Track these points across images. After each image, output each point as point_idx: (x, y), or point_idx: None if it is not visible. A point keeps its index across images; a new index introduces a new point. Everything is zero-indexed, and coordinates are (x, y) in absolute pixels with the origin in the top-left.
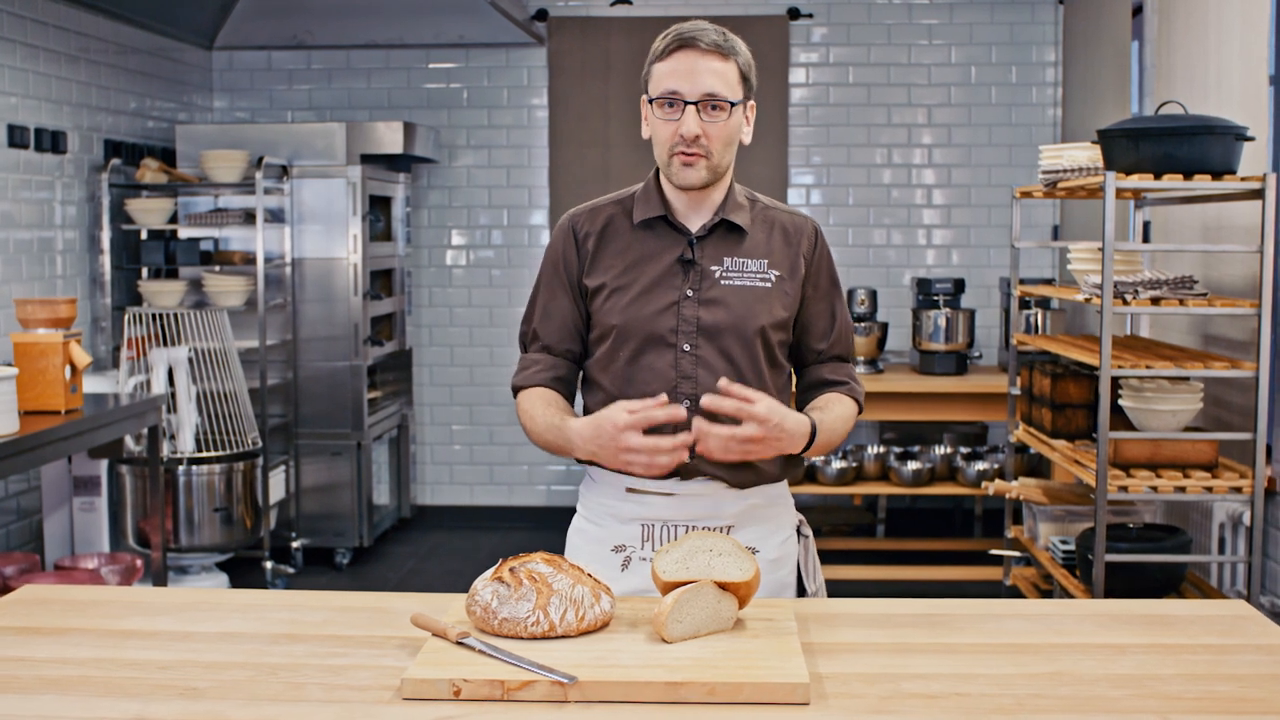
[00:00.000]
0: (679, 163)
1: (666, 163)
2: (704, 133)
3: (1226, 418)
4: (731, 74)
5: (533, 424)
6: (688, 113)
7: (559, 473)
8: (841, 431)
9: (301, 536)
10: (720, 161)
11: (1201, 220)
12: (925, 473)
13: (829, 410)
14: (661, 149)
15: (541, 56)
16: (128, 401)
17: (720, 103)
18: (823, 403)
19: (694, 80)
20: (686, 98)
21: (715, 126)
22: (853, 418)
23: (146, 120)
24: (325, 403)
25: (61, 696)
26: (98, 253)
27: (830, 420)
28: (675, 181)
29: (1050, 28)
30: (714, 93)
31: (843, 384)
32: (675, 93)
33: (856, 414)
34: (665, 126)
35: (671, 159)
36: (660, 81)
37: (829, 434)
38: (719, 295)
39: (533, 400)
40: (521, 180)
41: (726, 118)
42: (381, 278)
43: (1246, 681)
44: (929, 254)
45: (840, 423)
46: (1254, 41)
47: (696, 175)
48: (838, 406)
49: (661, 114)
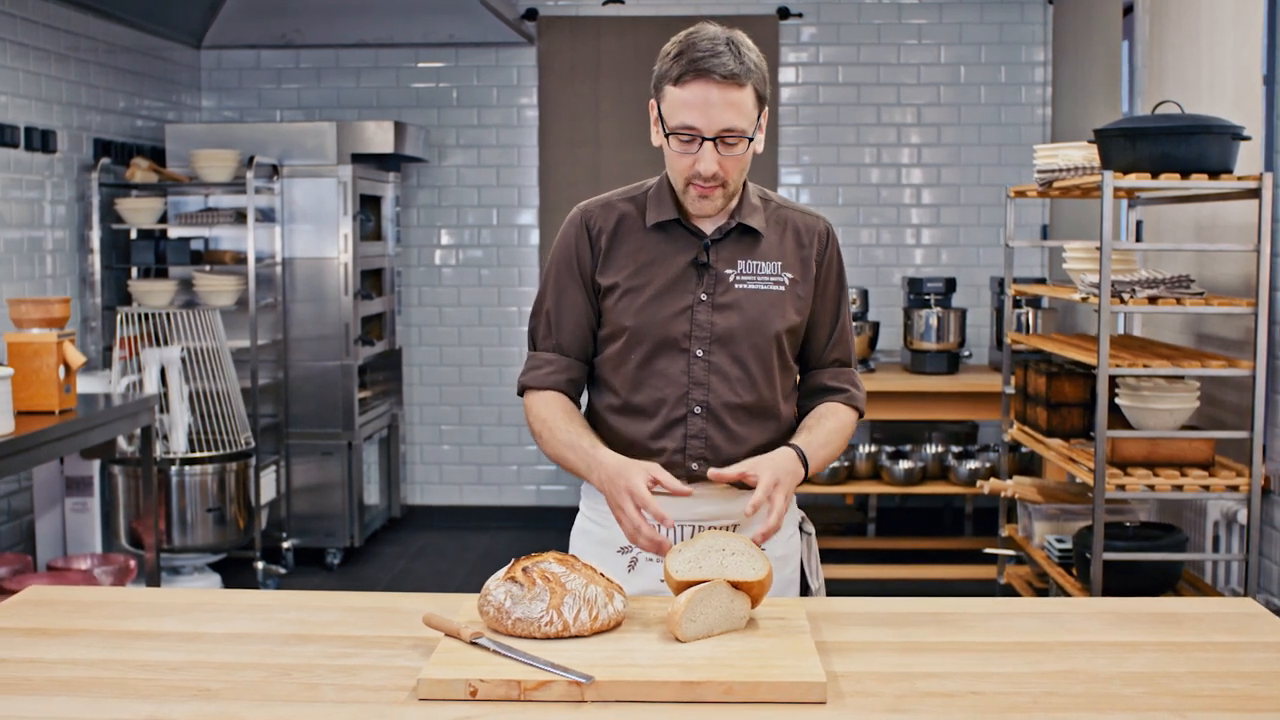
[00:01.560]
0: (695, 193)
1: (683, 191)
2: (721, 167)
3: (1220, 416)
4: (748, 101)
5: (552, 435)
6: (705, 150)
7: (548, 473)
8: (837, 444)
9: (292, 537)
10: (736, 188)
11: (1195, 220)
12: (917, 472)
13: (818, 427)
14: (677, 178)
15: (531, 56)
16: (120, 402)
17: (737, 138)
18: (813, 419)
19: (710, 115)
20: (704, 134)
21: (731, 160)
22: (849, 426)
23: (135, 119)
24: (316, 402)
25: (74, 698)
26: (87, 252)
27: (821, 438)
28: (692, 210)
29: (1040, 28)
30: (731, 128)
31: (842, 391)
32: (692, 128)
33: (855, 420)
34: (682, 159)
35: (688, 188)
36: (676, 112)
37: (824, 450)
38: (732, 300)
39: (552, 409)
40: (511, 180)
41: (744, 149)
42: (371, 277)
43: (1259, 679)
44: (918, 253)
45: (835, 435)
46: (1247, 41)
47: (713, 205)
48: (830, 420)
49: (678, 146)
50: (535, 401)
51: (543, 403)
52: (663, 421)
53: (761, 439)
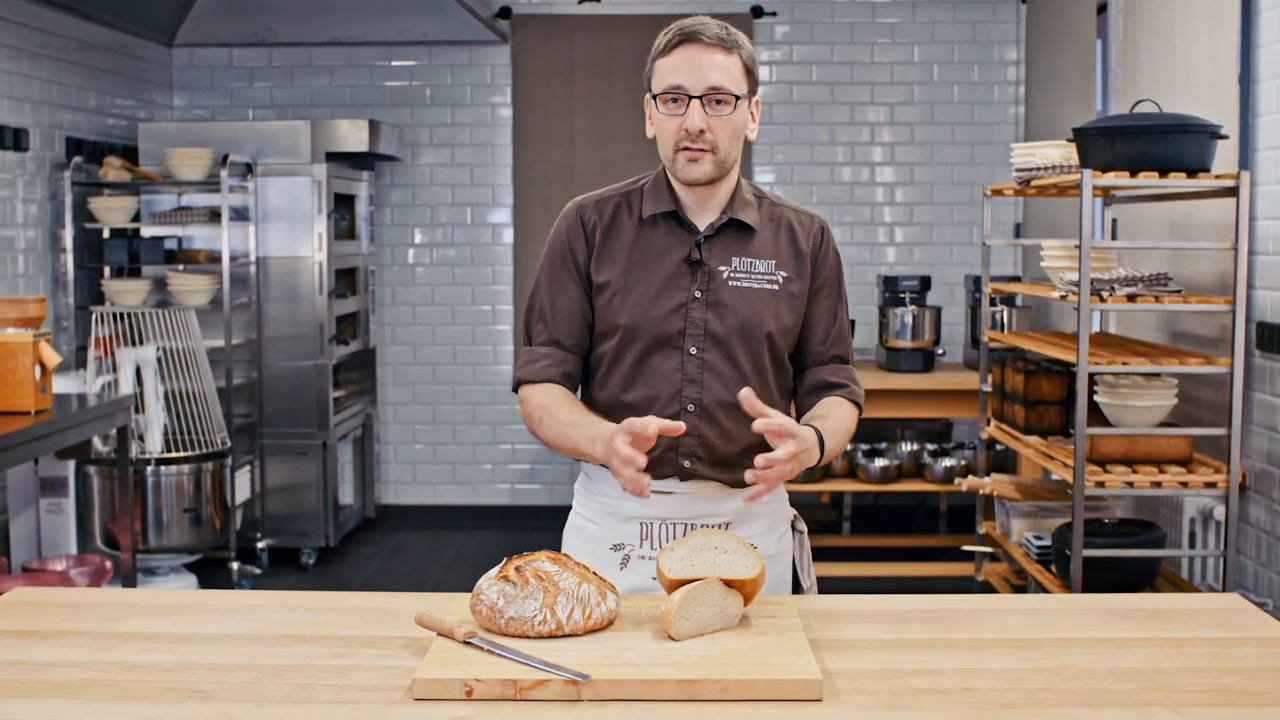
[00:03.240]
0: (684, 158)
1: (672, 159)
2: (709, 127)
3: (1195, 413)
4: (735, 68)
5: (553, 419)
6: (692, 107)
7: (522, 471)
8: (844, 437)
9: (267, 537)
10: (727, 157)
11: (1169, 218)
12: (893, 469)
13: (830, 417)
14: (666, 145)
15: (505, 54)
16: (95, 402)
17: (725, 96)
18: (823, 410)
19: (698, 74)
20: (691, 92)
21: (720, 120)
22: (853, 421)
23: (107, 118)
24: (290, 402)
25: (68, 700)
26: (60, 251)
27: (833, 427)
28: (681, 177)
29: (1012, 27)
30: (719, 86)
31: (843, 387)
32: (679, 87)
33: (857, 416)
34: (670, 122)
35: (677, 155)
36: (664, 77)
37: (834, 440)
38: (727, 298)
39: (553, 395)
40: (485, 179)
41: (731, 111)
42: (345, 276)
43: (1250, 674)
44: (890, 251)
45: (842, 427)
46: (1222, 41)
47: (702, 170)
48: (837, 411)
49: (666, 110)
50: (534, 392)
51: (542, 391)
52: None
53: (754, 437)
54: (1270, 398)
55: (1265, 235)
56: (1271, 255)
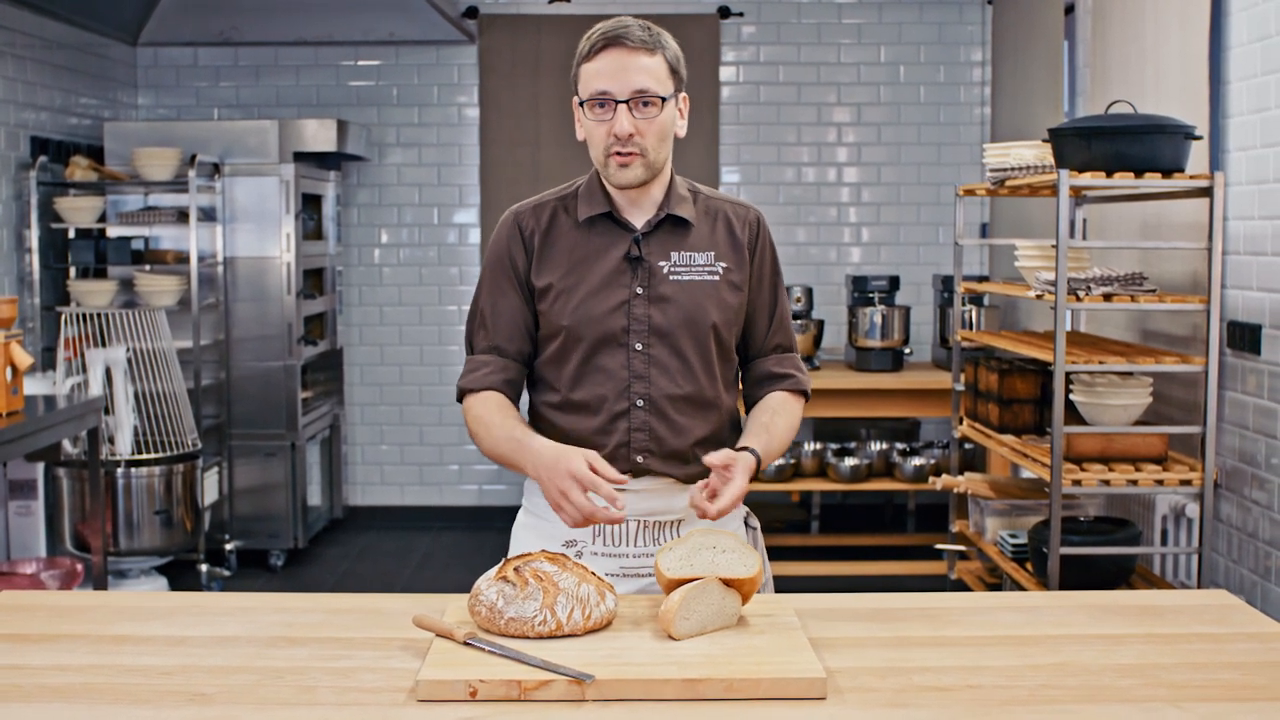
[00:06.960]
0: (615, 163)
1: (603, 164)
2: (637, 130)
3: (1167, 412)
4: (660, 69)
5: (488, 433)
6: (619, 111)
7: (490, 472)
8: (786, 439)
9: (235, 539)
10: (656, 158)
11: (1140, 218)
12: (863, 468)
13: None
14: (597, 150)
15: (472, 54)
16: (65, 404)
17: (651, 99)
18: (766, 416)
19: (623, 78)
20: (617, 96)
21: (648, 123)
22: (798, 418)
23: (72, 117)
24: (259, 403)
25: (70, 704)
26: (25, 252)
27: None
28: (613, 181)
29: (978, 28)
30: (644, 89)
31: (789, 377)
32: (605, 93)
33: (803, 406)
34: (598, 128)
35: (608, 160)
36: (589, 82)
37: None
38: (669, 292)
39: (489, 407)
40: (452, 179)
41: (658, 113)
42: (312, 276)
43: (1247, 669)
44: (856, 251)
45: (784, 432)
46: (1193, 42)
47: (633, 174)
48: (782, 418)
49: (594, 115)
50: (473, 403)
51: (480, 402)
52: (606, 416)
53: (704, 430)
54: (1242, 396)
55: (1236, 235)
56: (1243, 255)
